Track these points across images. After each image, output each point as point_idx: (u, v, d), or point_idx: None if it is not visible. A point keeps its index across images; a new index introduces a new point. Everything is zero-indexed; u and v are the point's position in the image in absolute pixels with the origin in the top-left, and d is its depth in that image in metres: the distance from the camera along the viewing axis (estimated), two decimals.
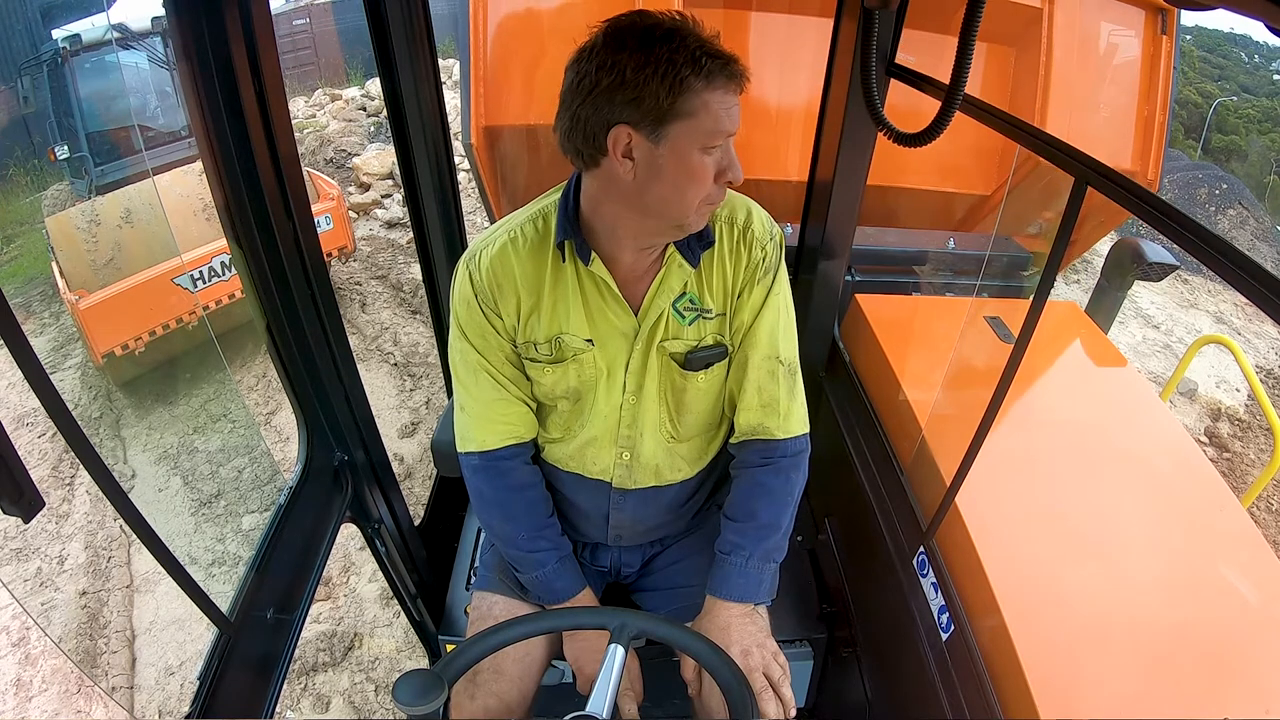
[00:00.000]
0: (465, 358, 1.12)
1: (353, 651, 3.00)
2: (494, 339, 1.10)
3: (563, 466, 1.21)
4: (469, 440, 1.15)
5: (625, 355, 1.09)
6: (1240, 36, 20.50)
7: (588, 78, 0.86)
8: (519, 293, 1.06)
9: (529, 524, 1.16)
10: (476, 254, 1.06)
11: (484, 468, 1.14)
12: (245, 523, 3.86)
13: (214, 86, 0.91)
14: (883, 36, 1.28)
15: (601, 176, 0.94)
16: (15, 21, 6.83)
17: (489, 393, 1.12)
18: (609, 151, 0.89)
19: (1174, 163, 9.39)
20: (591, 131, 0.88)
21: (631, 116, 0.86)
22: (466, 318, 1.09)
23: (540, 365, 1.10)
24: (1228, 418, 4.78)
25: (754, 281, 1.07)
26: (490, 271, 1.05)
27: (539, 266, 1.05)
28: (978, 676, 1.09)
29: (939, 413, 1.42)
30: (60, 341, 5.39)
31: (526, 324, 1.08)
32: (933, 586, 1.24)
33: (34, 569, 3.63)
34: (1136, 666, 1.05)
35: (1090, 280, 5.86)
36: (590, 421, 1.15)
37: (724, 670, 0.93)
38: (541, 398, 1.16)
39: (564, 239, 1.02)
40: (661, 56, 0.83)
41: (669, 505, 1.25)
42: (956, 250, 2.55)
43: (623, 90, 0.84)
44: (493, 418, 1.13)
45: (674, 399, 1.13)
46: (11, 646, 2.91)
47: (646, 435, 1.15)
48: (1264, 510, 3.98)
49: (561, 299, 1.06)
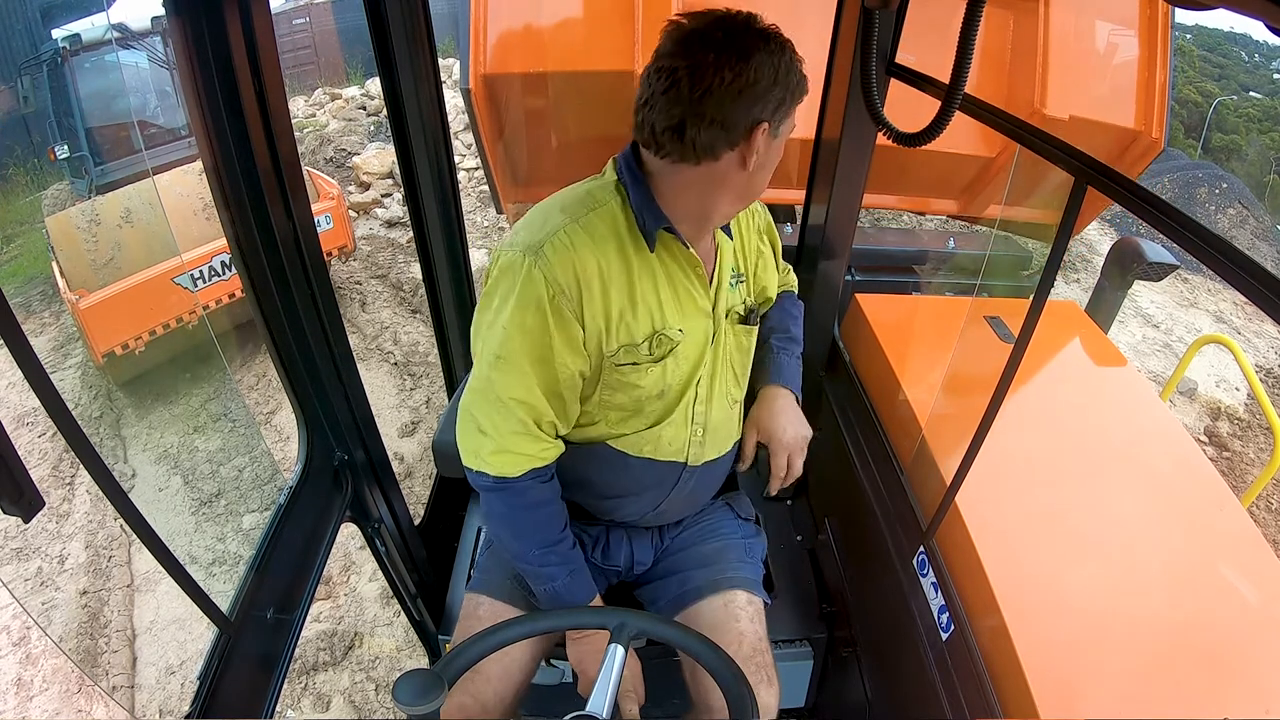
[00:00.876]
0: (500, 388, 1.01)
1: (353, 651, 3.00)
2: (564, 356, 1.00)
3: (634, 453, 1.15)
4: (484, 464, 1.06)
5: (708, 334, 1.11)
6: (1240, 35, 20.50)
7: (742, 76, 0.88)
8: (608, 290, 0.99)
9: (539, 540, 1.11)
10: (538, 249, 0.96)
11: (499, 488, 1.08)
12: (245, 522, 3.86)
13: (214, 86, 0.91)
14: (883, 36, 1.28)
15: (714, 168, 0.95)
16: (15, 21, 6.83)
17: (515, 427, 1.04)
18: (743, 146, 0.92)
19: (1174, 161, 9.39)
20: (732, 127, 0.91)
21: (772, 115, 0.92)
22: (532, 327, 0.97)
23: (641, 368, 1.05)
24: (1227, 417, 4.78)
25: (761, 244, 1.25)
26: (571, 267, 0.96)
27: (623, 259, 1.00)
28: (978, 676, 1.09)
29: (939, 413, 1.42)
30: (61, 341, 5.39)
31: (620, 325, 1.01)
32: (933, 586, 1.24)
33: (34, 568, 3.63)
34: (1136, 666, 1.05)
35: (1090, 280, 5.86)
36: (671, 409, 1.12)
37: (724, 670, 0.93)
38: (627, 404, 1.09)
39: (658, 227, 0.99)
40: (792, 62, 0.92)
41: (722, 473, 1.29)
42: (956, 250, 2.55)
43: (774, 90, 0.90)
44: (515, 450, 1.05)
45: (739, 362, 1.20)
46: (12, 646, 2.91)
47: (715, 407, 1.17)
48: (1264, 510, 3.98)
49: (650, 292, 1.03)
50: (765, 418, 1.24)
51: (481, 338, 1.04)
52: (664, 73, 0.90)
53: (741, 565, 1.29)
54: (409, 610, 1.65)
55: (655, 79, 0.91)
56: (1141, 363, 5.35)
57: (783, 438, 1.22)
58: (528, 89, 2.63)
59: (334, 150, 8.14)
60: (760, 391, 1.27)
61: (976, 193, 3.00)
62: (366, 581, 3.27)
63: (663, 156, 0.95)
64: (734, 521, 1.37)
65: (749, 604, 1.25)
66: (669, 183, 0.98)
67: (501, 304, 0.99)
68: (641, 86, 0.94)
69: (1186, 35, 19.13)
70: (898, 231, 5.17)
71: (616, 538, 1.32)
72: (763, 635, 1.23)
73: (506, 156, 2.91)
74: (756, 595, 1.27)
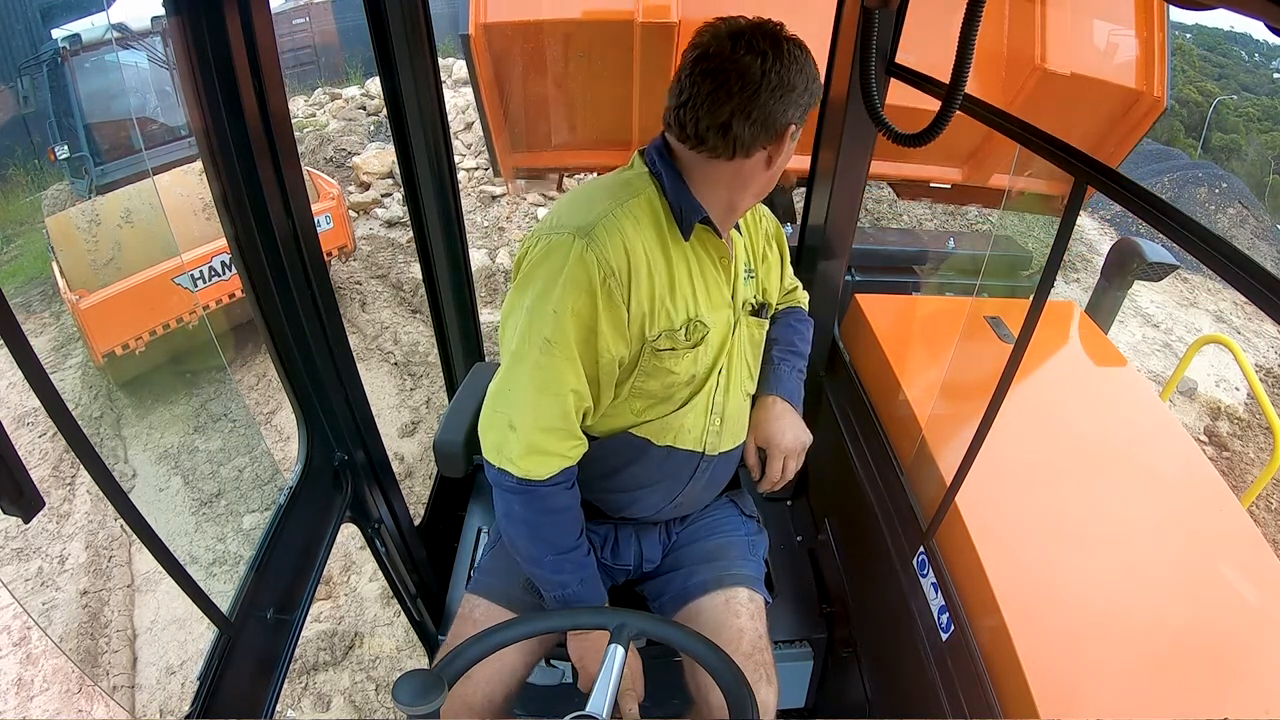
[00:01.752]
0: (543, 372, 1.00)
1: (353, 650, 3.00)
2: (608, 340, 1.00)
3: (656, 440, 1.16)
4: (510, 463, 1.04)
5: (729, 323, 1.15)
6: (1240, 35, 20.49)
7: (785, 81, 0.94)
8: (652, 275, 1.01)
9: (555, 547, 1.10)
10: (589, 231, 0.97)
11: (521, 491, 1.06)
12: (246, 522, 3.86)
13: (214, 86, 0.91)
14: (882, 36, 1.28)
15: (745, 164, 1.00)
16: (15, 21, 6.83)
17: (553, 420, 1.03)
18: (774, 145, 0.99)
19: (1174, 161, 9.39)
20: (772, 125, 0.97)
21: (799, 118, 0.99)
22: (583, 311, 0.97)
23: (679, 353, 1.07)
24: (1227, 416, 4.78)
25: (769, 245, 1.28)
26: (623, 249, 0.97)
27: (662, 246, 1.03)
28: (978, 676, 1.09)
29: (939, 413, 1.42)
30: (61, 341, 5.39)
31: (661, 310, 1.03)
32: (933, 586, 1.24)
33: (35, 569, 3.63)
34: (1136, 666, 1.05)
35: (1090, 279, 5.86)
36: (694, 396, 1.14)
37: (724, 670, 0.93)
38: (658, 390, 1.10)
39: (697, 218, 1.03)
40: (816, 69, 0.99)
41: (733, 466, 1.31)
42: (956, 250, 2.55)
43: (806, 93, 0.98)
44: (547, 450, 1.05)
45: (752, 353, 1.24)
46: (13, 646, 2.91)
47: (732, 396, 1.19)
48: (1263, 509, 3.98)
49: (685, 279, 1.06)
50: (763, 423, 1.26)
51: (523, 323, 0.99)
52: (711, 75, 0.95)
53: (745, 562, 1.30)
54: (409, 610, 1.64)
55: (700, 80, 0.95)
56: (1141, 362, 5.35)
57: (780, 443, 1.24)
58: (528, 39, 2.59)
59: (334, 150, 8.13)
60: (757, 400, 1.29)
61: (983, 159, 3.00)
62: (367, 581, 3.28)
63: (700, 150, 1.00)
64: (738, 518, 1.37)
65: (750, 601, 1.25)
66: (701, 174, 1.03)
67: (547, 287, 0.97)
68: (681, 86, 0.98)
69: (1186, 34, 19.11)
70: (898, 231, 5.17)
71: (625, 536, 1.32)
72: (763, 633, 1.24)
73: (507, 115, 2.85)
74: (758, 593, 1.28)
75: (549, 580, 1.12)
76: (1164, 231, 0.78)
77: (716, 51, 0.94)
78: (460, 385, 1.56)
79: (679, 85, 0.98)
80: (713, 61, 0.94)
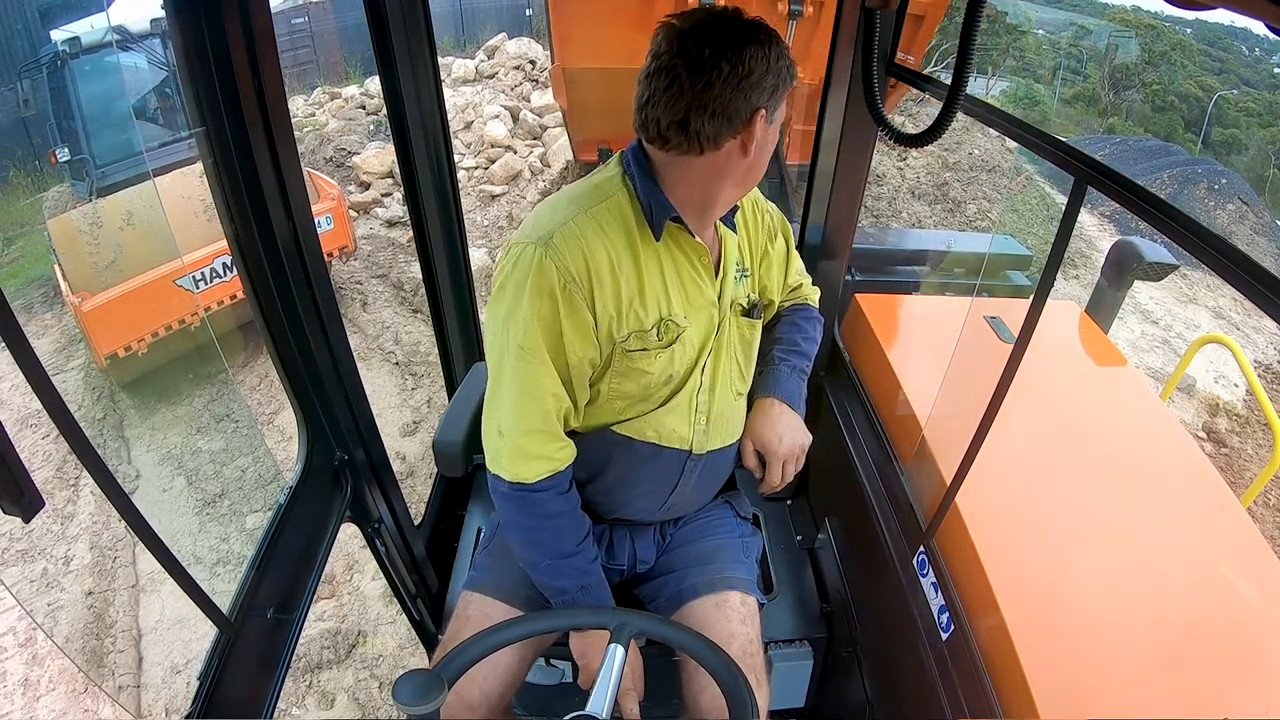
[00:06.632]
0: (526, 378, 1.03)
1: (356, 649, 3.01)
2: (574, 343, 1.02)
3: (639, 437, 1.17)
4: (501, 468, 1.08)
5: (712, 322, 1.13)
6: (1240, 30, 20.44)
7: (738, 68, 0.92)
8: (617, 278, 1.01)
9: (552, 551, 1.11)
10: (548, 240, 0.98)
11: (513, 496, 1.09)
12: (249, 522, 3.88)
13: (214, 86, 0.91)
14: (883, 36, 1.28)
15: (717, 157, 0.98)
16: (15, 22, 6.84)
17: (535, 423, 1.05)
18: (744, 133, 0.96)
19: (1173, 157, 9.38)
20: (732, 115, 0.94)
21: (768, 101, 0.96)
22: (547, 316, 0.99)
23: (651, 353, 1.07)
24: (1226, 413, 4.78)
25: (771, 241, 1.25)
26: (581, 256, 0.98)
27: (630, 248, 1.03)
28: (978, 676, 1.09)
29: (939, 413, 1.42)
30: (63, 343, 5.41)
31: (630, 312, 1.04)
32: (933, 586, 1.24)
33: (40, 570, 3.65)
34: (1136, 666, 1.05)
35: (1090, 276, 5.85)
36: (675, 395, 1.14)
37: (724, 670, 0.93)
38: (635, 391, 1.11)
39: (666, 217, 1.02)
40: (782, 50, 0.96)
41: (727, 465, 1.30)
42: (955, 250, 2.55)
43: (768, 77, 0.94)
44: (531, 453, 1.07)
45: (743, 353, 1.22)
46: (19, 647, 2.92)
47: (719, 396, 1.18)
48: (1262, 506, 3.98)
49: (657, 280, 1.05)
50: (761, 427, 1.24)
51: (499, 333, 1.03)
52: (663, 72, 0.93)
53: (737, 565, 1.29)
54: (409, 610, 1.65)
55: (655, 79, 0.94)
56: (1140, 359, 5.34)
57: (778, 448, 1.22)
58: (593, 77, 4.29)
59: (334, 150, 8.14)
60: (755, 402, 1.27)
61: None
62: (369, 580, 3.28)
63: (667, 150, 0.98)
64: (733, 520, 1.37)
65: (742, 605, 1.24)
66: (673, 173, 1.02)
67: (516, 296, 1.00)
68: (641, 88, 0.97)
69: (1187, 30, 19.05)
70: (898, 231, 5.17)
71: (620, 536, 1.32)
72: (754, 637, 1.23)
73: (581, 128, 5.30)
74: (751, 596, 1.27)
75: (549, 585, 1.13)
76: (1163, 230, 0.79)
77: (668, 48, 0.93)
78: (460, 385, 1.57)
79: (639, 86, 0.97)
80: (664, 59, 0.93)
